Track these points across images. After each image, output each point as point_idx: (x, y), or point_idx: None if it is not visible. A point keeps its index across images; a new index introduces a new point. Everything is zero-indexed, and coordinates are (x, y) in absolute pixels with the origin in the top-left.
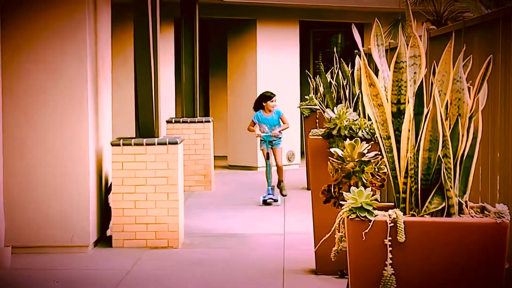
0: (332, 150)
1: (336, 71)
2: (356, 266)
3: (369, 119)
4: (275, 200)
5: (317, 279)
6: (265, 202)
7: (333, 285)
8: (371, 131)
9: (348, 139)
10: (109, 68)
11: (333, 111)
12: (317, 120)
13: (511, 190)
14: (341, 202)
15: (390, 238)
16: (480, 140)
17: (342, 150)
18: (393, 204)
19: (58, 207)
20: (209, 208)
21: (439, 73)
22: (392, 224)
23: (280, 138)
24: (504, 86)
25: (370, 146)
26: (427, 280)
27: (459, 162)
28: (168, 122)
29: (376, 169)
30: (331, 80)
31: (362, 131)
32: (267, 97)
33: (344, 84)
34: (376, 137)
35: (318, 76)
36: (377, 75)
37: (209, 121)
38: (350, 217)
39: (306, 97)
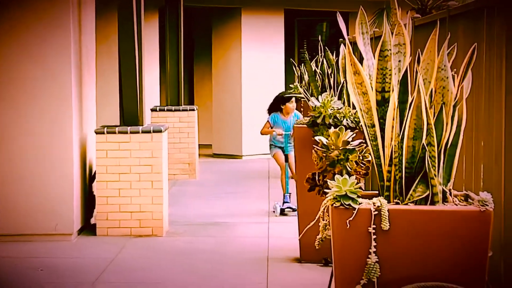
0: (316, 138)
1: (320, 60)
2: (340, 254)
3: (354, 108)
4: (294, 210)
5: (301, 267)
6: (282, 212)
7: (317, 273)
8: (355, 119)
9: (332, 128)
10: (93, 57)
11: (318, 100)
12: (302, 109)
13: (494, 178)
14: (326, 190)
15: (374, 226)
16: (464, 128)
17: (327, 139)
18: (377, 192)
19: (42, 195)
20: (194, 196)
21: (424, 61)
22: (376, 212)
23: (292, 143)
24: (488, 75)
25: (354, 135)
26: (411, 268)
27: (443, 151)
28: (152, 110)
29: (361, 157)
30: (316, 68)
31: (346, 120)
32: (285, 98)
33: (329, 72)
34: (361, 125)
35: (303, 64)
36: (361, 63)
37: (193, 110)
38: (334, 205)
39: (291, 85)
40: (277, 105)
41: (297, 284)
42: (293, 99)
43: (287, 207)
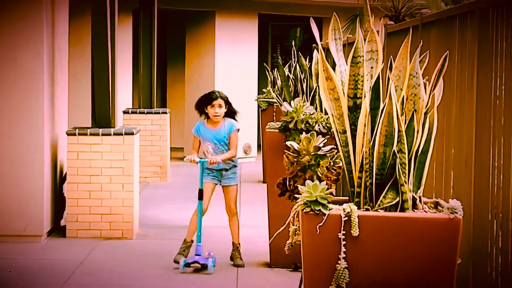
0: (288, 143)
1: (294, 65)
2: (310, 260)
3: (326, 113)
4: (204, 266)
5: (271, 272)
6: (188, 266)
7: (287, 278)
8: (327, 125)
9: (304, 133)
10: (66, 58)
11: (290, 105)
12: (274, 113)
13: (464, 186)
14: (296, 196)
15: (344, 232)
16: (436, 136)
17: (298, 144)
18: (348, 198)
19: (12, 196)
20: (165, 199)
21: (396, 68)
22: (346, 218)
23: (234, 168)
24: (460, 83)
25: (326, 140)
26: (381, 274)
27: (414, 158)
28: (125, 112)
29: (332, 163)
30: (289, 73)
31: (318, 125)
32: (206, 98)
33: (302, 78)
34: (333, 131)
35: (276, 69)
36: (334, 69)
37: (166, 113)
38: (304, 210)
39: (263, 90)
40: (201, 107)
41: None
42: (220, 101)
43: (194, 262)
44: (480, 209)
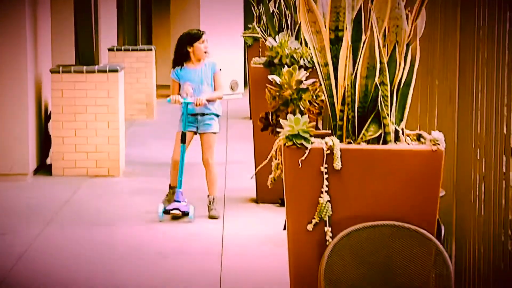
0: (270, 77)
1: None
2: (292, 194)
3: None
4: (185, 214)
5: (257, 207)
6: (167, 213)
7: (273, 213)
8: (313, 59)
9: (286, 67)
10: None
11: (275, 40)
12: (260, 49)
13: (448, 118)
14: (278, 130)
15: (326, 166)
16: (419, 68)
17: (280, 78)
18: (330, 132)
19: None
20: (151, 137)
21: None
22: (328, 152)
23: (213, 115)
24: (444, 13)
25: (308, 74)
26: (363, 207)
27: (396, 90)
28: (109, 50)
29: (314, 97)
30: (274, 8)
31: (304, 60)
32: (192, 36)
33: (286, 12)
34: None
35: (261, 4)
36: (316, 1)
37: (151, 49)
38: (286, 144)
39: (249, 25)
40: (182, 49)
41: (253, 223)
42: (205, 37)
43: (174, 208)
44: (464, 141)
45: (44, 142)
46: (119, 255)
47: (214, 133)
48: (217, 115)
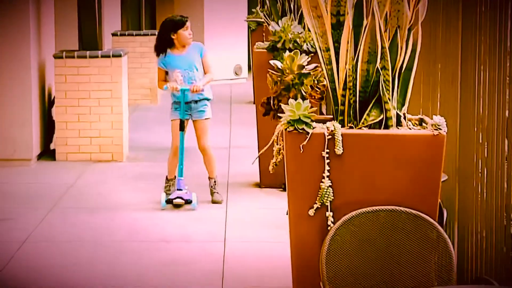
0: (271, 62)
1: None
2: (294, 179)
3: None
4: (188, 202)
5: (261, 192)
6: (170, 203)
7: (276, 198)
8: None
9: (288, 52)
10: None
11: (278, 24)
12: (263, 34)
13: (451, 102)
14: (280, 115)
15: (327, 151)
16: (421, 52)
17: (282, 62)
18: (332, 116)
19: (0, 121)
20: (155, 122)
21: None
22: (330, 137)
23: (205, 100)
24: None
25: (309, 59)
26: (365, 192)
27: (398, 75)
28: (113, 35)
29: (316, 82)
30: None
31: (307, 44)
32: (176, 23)
33: None
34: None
35: None
36: None
37: (155, 34)
38: (288, 129)
39: (253, 10)
40: (166, 35)
41: (257, 208)
42: (188, 24)
43: (177, 197)
44: (466, 125)
45: (48, 127)
46: (122, 240)
47: (208, 119)
48: (209, 99)
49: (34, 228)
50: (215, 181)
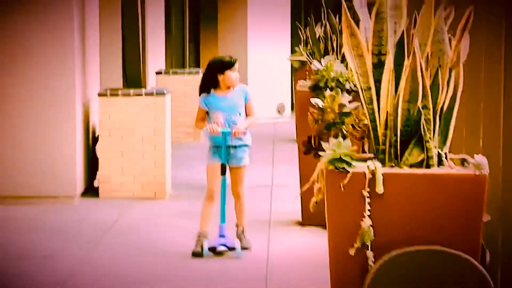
0: (312, 101)
1: (324, 23)
2: (334, 218)
3: None
4: (231, 249)
5: (302, 230)
6: (213, 251)
7: (318, 236)
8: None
9: (329, 90)
10: (97, 18)
11: (321, 63)
12: (307, 73)
13: (493, 141)
14: (321, 154)
15: (368, 190)
16: (463, 90)
17: (323, 101)
18: (372, 155)
19: (46, 159)
20: (197, 159)
21: (420, 24)
22: (370, 176)
23: (245, 146)
24: (487, 36)
25: (351, 98)
26: (405, 232)
27: (439, 114)
28: (157, 73)
29: (357, 121)
30: (320, 32)
31: (349, 83)
32: (224, 64)
33: (332, 36)
34: None
35: (308, 28)
36: (359, 26)
37: (199, 73)
38: (328, 168)
39: (296, 49)
40: (212, 75)
41: (298, 247)
42: (237, 65)
43: (221, 245)
44: (509, 164)
45: (92, 164)
46: (165, 280)
47: (245, 166)
48: (248, 146)
49: (77, 266)
50: (243, 230)
